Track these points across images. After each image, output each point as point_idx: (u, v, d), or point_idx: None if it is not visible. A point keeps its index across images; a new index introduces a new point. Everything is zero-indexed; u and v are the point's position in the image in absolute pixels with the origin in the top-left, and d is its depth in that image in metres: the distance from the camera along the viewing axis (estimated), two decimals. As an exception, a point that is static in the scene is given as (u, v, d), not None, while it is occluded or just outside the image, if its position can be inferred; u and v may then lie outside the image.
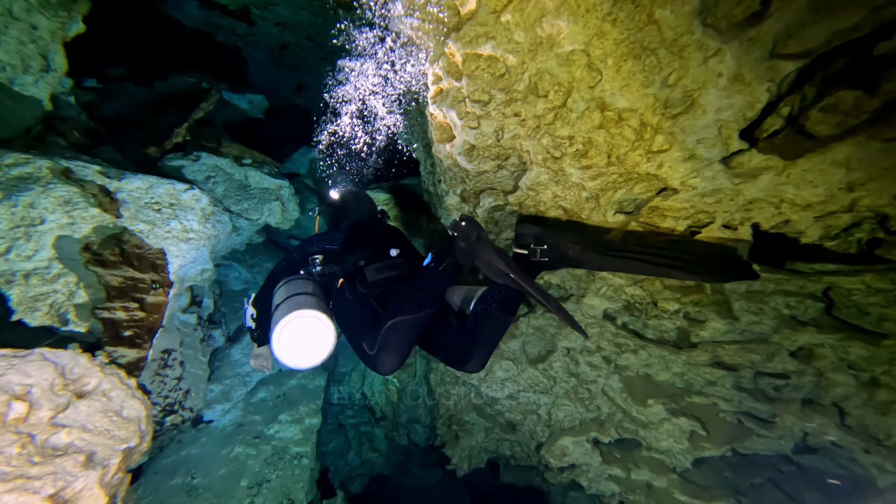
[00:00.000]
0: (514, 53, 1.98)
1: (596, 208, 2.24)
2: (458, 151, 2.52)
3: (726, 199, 1.85)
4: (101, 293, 3.57)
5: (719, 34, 1.46)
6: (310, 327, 1.59)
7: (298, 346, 1.56)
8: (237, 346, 5.61)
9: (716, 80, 1.53)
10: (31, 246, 3.36)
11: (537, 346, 3.47)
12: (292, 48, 8.10)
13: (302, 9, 6.50)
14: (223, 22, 6.97)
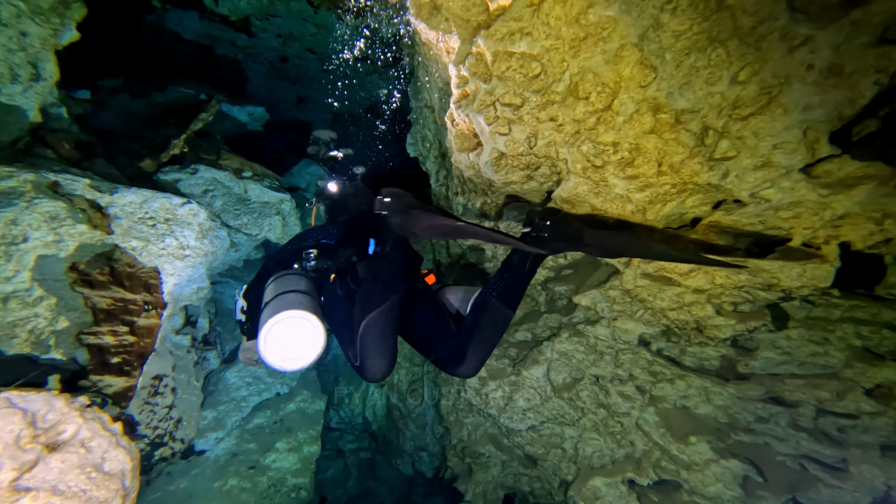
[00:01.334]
0: (552, 51, 1.77)
1: (642, 223, 2.01)
2: (486, 160, 2.30)
3: (808, 213, 1.62)
4: (88, 317, 3.28)
5: (810, 19, 1.26)
6: (298, 328, 1.50)
7: (286, 348, 1.49)
8: (233, 368, 5.29)
9: (803, 74, 1.32)
10: (11, 266, 3.09)
11: (562, 372, 3.19)
12: (293, 60, 7.98)
13: (304, 20, 6.38)
14: (223, 34, 6.85)
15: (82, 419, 1.74)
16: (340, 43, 6.89)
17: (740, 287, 1.99)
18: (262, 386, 5.42)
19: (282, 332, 1.47)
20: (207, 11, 5.61)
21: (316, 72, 8.25)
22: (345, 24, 6.13)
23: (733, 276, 1.90)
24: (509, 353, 3.54)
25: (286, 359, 1.50)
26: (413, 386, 5.10)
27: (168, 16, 6.27)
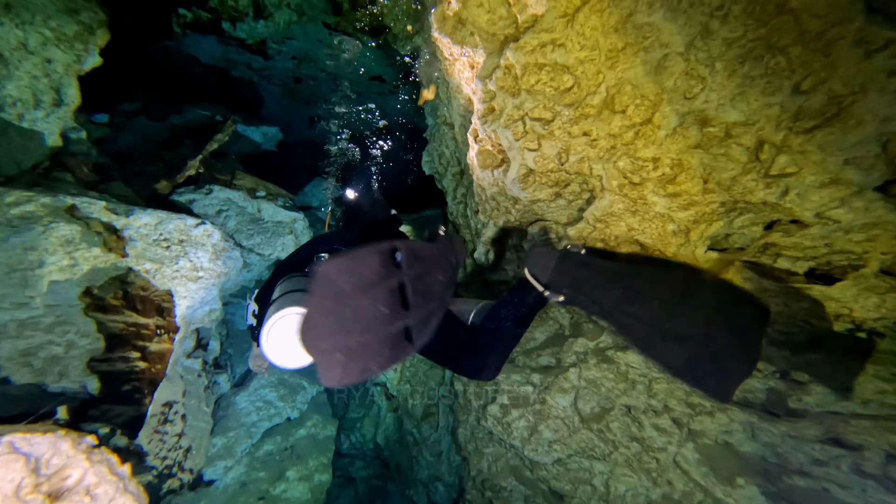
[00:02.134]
0: (587, 63, 1.67)
1: (685, 244, 1.86)
2: (512, 177, 2.19)
3: (887, 236, 1.46)
4: (100, 343, 3.21)
5: (892, 20, 1.14)
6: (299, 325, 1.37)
7: (287, 344, 1.45)
8: (243, 392, 5.16)
9: (883, 81, 1.19)
10: (26, 293, 3.04)
11: (591, 401, 2.99)
12: (307, 81, 8.11)
13: (319, 41, 6.48)
14: (240, 57, 6.99)
15: (89, 462, 1.62)
16: (355, 63, 6.99)
17: (796, 316, 1.82)
18: (272, 410, 5.28)
19: (283, 328, 1.42)
20: (225, 35, 5.72)
21: (329, 92, 8.38)
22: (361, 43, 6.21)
23: (793, 304, 1.73)
24: (532, 380, 3.35)
25: (287, 355, 1.45)
26: (428, 411, 4.90)
27: (187, 41, 6.42)
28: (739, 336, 1.23)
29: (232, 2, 4.63)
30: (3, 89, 3.41)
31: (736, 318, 1.23)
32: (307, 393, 5.74)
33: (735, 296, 1.35)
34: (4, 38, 3.18)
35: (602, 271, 1.48)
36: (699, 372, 1.18)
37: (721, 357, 1.20)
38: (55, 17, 3.18)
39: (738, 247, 1.85)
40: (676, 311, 1.27)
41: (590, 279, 1.49)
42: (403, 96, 7.90)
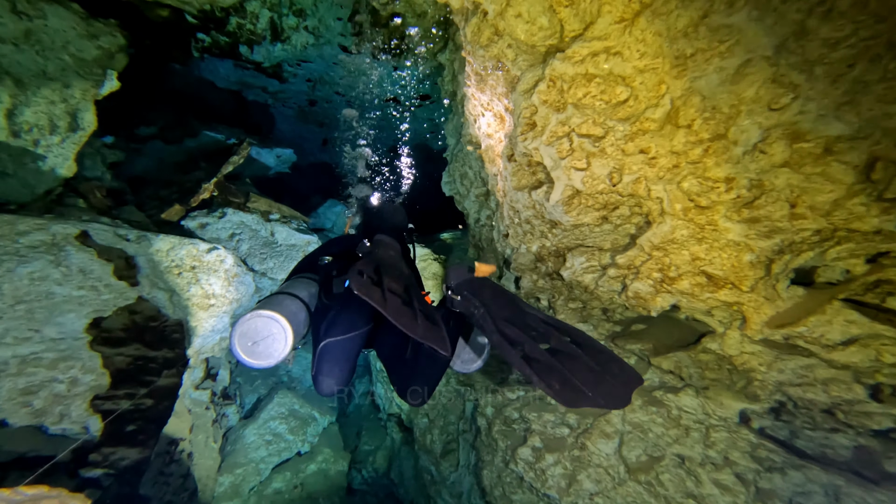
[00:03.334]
0: (647, 73, 1.48)
1: (765, 278, 1.61)
2: (556, 199, 1.99)
3: None
4: (105, 378, 3.01)
5: None
6: (264, 326, 1.56)
7: (251, 344, 1.54)
8: (252, 425, 4.90)
9: None
10: (31, 325, 2.88)
11: (637, 448, 2.67)
12: (321, 104, 8.15)
13: (334, 64, 6.49)
14: (255, 81, 7.04)
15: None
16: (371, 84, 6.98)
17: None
18: (282, 444, 4.99)
19: (248, 328, 1.51)
20: (242, 59, 5.74)
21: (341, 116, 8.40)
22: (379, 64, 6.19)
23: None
24: (568, 421, 3.05)
25: (252, 353, 1.52)
26: (448, 447, 4.57)
27: (204, 65, 6.49)
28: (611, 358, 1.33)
29: (250, 25, 4.62)
30: (21, 115, 3.36)
31: (610, 369, 1.32)
32: (318, 425, 5.45)
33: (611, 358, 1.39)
34: (25, 64, 3.14)
35: (503, 293, 1.61)
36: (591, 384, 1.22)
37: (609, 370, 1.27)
38: (75, 43, 3.13)
39: (826, 281, 1.60)
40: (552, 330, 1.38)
41: (486, 289, 1.61)
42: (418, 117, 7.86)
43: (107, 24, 3.12)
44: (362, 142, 8.60)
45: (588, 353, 1.29)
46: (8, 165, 3.47)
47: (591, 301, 2.51)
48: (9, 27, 2.91)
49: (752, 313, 1.72)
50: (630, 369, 1.30)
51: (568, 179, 1.96)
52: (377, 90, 7.20)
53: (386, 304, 1.25)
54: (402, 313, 1.27)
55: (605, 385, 1.22)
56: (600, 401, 1.19)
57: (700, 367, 2.13)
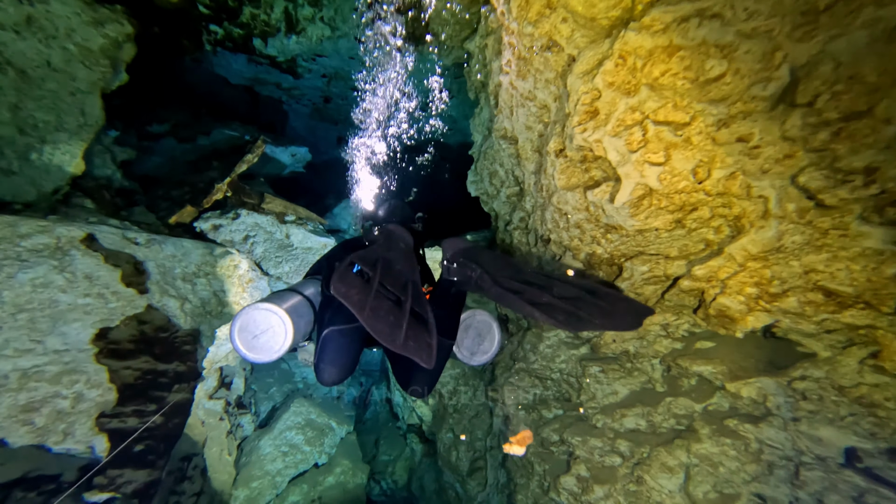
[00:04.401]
0: (756, 38, 1.16)
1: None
2: (623, 199, 1.69)
3: None
4: (112, 394, 2.79)
5: None
6: (263, 319, 1.55)
7: (251, 337, 1.53)
8: (268, 435, 4.68)
9: None
10: (34, 336, 2.67)
11: (705, 484, 2.35)
12: (336, 101, 7.91)
13: (351, 58, 6.23)
14: (269, 77, 6.82)
15: None
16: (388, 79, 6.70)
17: None
18: (298, 456, 4.76)
19: (247, 320, 1.51)
20: (256, 53, 5.51)
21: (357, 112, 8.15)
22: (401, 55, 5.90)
23: None
24: (619, 448, 2.73)
25: (252, 347, 1.51)
26: (475, 465, 4.28)
27: (217, 60, 6.28)
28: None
29: (264, 15, 4.37)
30: (26, 110, 3.15)
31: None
32: (335, 435, 5.21)
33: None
34: (28, 54, 2.92)
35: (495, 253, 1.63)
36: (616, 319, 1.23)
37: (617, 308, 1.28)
38: (80, 31, 2.90)
39: None
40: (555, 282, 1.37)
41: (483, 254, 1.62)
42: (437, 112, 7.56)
43: (113, 11, 2.89)
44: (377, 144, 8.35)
45: (595, 296, 1.28)
46: (13, 162, 3.27)
47: (651, 318, 2.19)
48: (9, 12, 2.68)
49: (893, 341, 1.40)
50: (640, 305, 1.28)
51: (640, 176, 1.65)
52: (393, 86, 6.93)
53: (364, 310, 1.18)
54: (381, 320, 1.19)
55: (612, 316, 1.23)
56: (608, 325, 1.21)
57: (793, 397, 1.80)
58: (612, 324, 1.25)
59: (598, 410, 3.05)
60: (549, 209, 2.45)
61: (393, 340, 1.13)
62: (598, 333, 2.85)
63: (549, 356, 3.54)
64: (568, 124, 1.84)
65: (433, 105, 7.33)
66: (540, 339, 3.59)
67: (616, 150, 1.63)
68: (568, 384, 3.50)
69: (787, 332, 1.75)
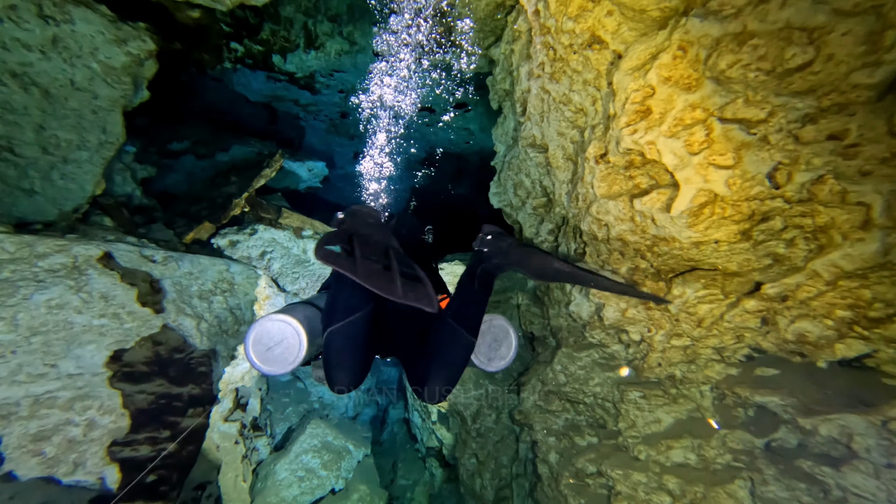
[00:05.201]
0: (858, 16, 0.98)
1: None
2: (683, 208, 1.50)
3: None
4: (125, 420, 2.67)
5: None
6: (278, 331, 1.49)
7: (266, 350, 1.49)
8: (284, 459, 4.50)
9: None
10: (48, 360, 2.58)
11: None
12: (353, 116, 7.93)
13: (369, 73, 6.23)
14: (287, 94, 6.87)
15: None
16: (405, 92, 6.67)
17: None
18: (315, 481, 4.57)
19: (261, 332, 1.50)
20: (275, 70, 5.54)
21: (374, 127, 8.15)
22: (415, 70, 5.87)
23: None
24: (668, 486, 2.47)
25: (266, 360, 1.50)
26: (501, 494, 4.01)
27: (237, 79, 6.35)
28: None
29: (283, 31, 4.37)
30: (49, 129, 3.15)
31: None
32: (353, 458, 5.01)
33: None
34: (52, 74, 2.92)
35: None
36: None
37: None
38: (103, 49, 2.89)
39: None
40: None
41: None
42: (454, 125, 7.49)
43: (135, 28, 2.87)
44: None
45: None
46: (36, 182, 3.26)
47: (706, 338, 1.97)
48: (36, 34, 2.69)
49: None
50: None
51: (703, 181, 1.46)
52: (411, 99, 6.90)
53: (356, 268, 1.16)
54: (376, 276, 1.18)
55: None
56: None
57: (889, 440, 1.55)
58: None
59: (640, 440, 2.79)
60: (587, 220, 2.26)
61: (391, 292, 1.09)
62: (641, 356, 2.61)
63: (581, 378, 3.30)
64: (613, 126, 1.67)
65: (450, 118, 7.27)
66: (572, 359, 3.35)
67: (673, 153, 1.45)
68: (603, 409, 3.25)
69: (880, 363, 1.51)
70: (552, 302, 3.57)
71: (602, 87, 1.80)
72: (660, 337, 2.24)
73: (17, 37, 2.64)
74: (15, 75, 2.79)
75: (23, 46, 2.69)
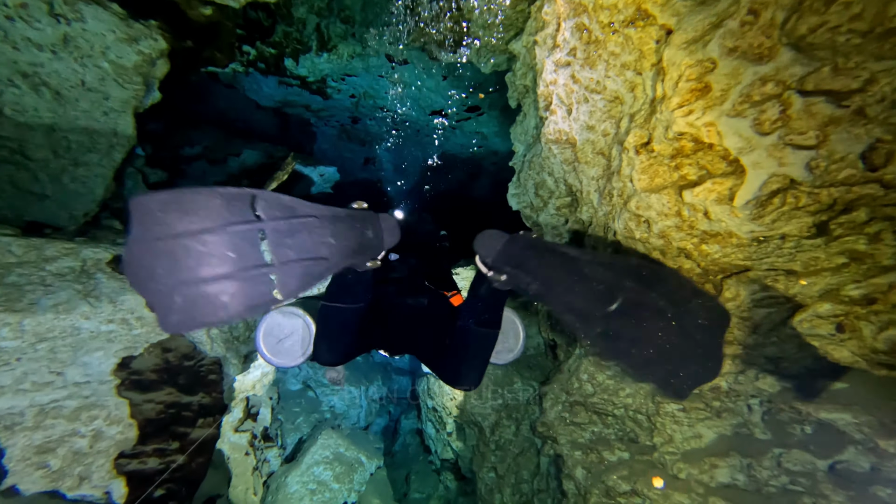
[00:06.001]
0: None
1: None
2: (749, 197, 1.37)
3: None
4: (132, 431, 2.55)
5: None
6: (289, 323, 1.49)
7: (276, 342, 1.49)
8: (295, 471, 4.34)
9: None
10: (54, 367, 2.48)
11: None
12: (364, 121, 7.87)
13: (381, 77, 6.16)
14: (299, 99, 6.85)
15: None
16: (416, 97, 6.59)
17: None
18: (327, 495, 4.40)
19: (272, 324, 1.49)
20: (287, 74, 5.49)
21: (385, 131, 8.09)
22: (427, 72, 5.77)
23: None
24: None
25: (277, 352, 1.48)
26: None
27: (248, 85, 6.34)
28: (698, 335, 1.08)
29: (296, 33, 4.31)
30: (60, 132, 3.09)
31: (693, 318, 1.08)
32: (365, 471, 4.83)
33: (694, 294, 1.13)
34: (63, 74, 2.86)
35: (549, 251, 1.32)
36: (651, 367, 1.01)
37: (676, 354, 1.05)
38: (114, 48, 2.83)
39: None
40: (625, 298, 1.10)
41: (535, 258, 1.31)
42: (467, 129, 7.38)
43: (147, 26, 2.81)
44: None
45: (670, 318, 1.04)
46: (47, 187, 3.20)
47: (762, 346, 1.78)
48: (47, 33, 2.63)
49: None
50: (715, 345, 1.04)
51: (777, 165, 1.30)
52: (423, 102, 6.81)
53: None
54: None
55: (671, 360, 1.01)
56: (659, 384, 1.01)
57: None
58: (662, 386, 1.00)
59: (679, 457, 2.58)
60: (622, 217, 2.09)
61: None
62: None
63: (611, 389, 3.10)
64: (661, 109, 1.51)
65: (462, 121, 7.16)
66: (599, 368, 3.16)
67: (738, 135, 1.29)
68: (634, 422, 3.04)
69: None
70: (577, 307, 3.39)
71: (644, 69, 1.65)
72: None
73: (29, 36, 2.58)
74: (26, 76, 2.73)
75: (34, 46, 2.63)
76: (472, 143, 7.80)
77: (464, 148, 8.12)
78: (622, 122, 1.95)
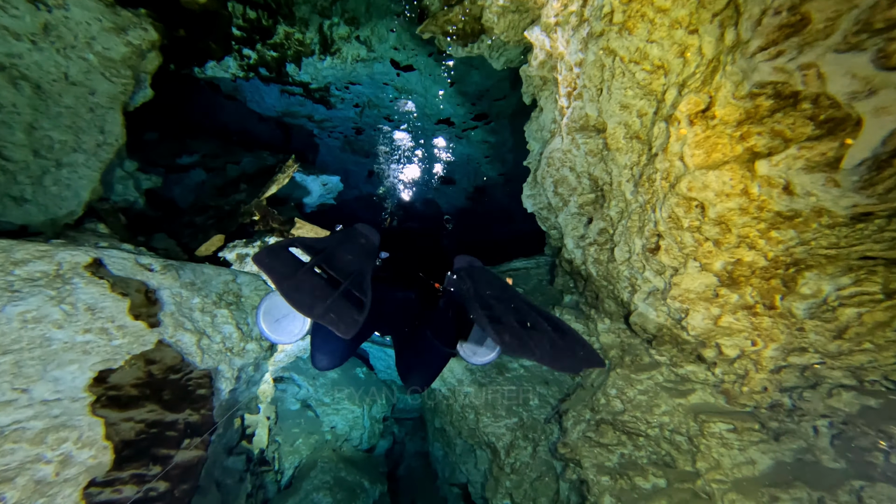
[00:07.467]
0: None
1: None
2: (865, 155, 1.09)
3: None
4: (107, 455, 2.24)
5: None
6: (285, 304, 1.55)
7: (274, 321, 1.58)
8: (293, 499, 3.96)
9: None
10: (18, 383, 2.20)
11: None
12: (368, 131, 7.71)
13: (385, 84, 6.01)
14: (301, 109, 6.71)
15: None
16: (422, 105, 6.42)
17: None
18: (328, 525, 4.01)
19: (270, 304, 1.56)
20: (289, 81, 5.34)
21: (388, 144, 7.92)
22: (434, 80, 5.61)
23: None
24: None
25: (275, 330, 1.57)
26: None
27: (250, 95, 6.21)
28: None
29: (298, 34, 4.16)
30: (41, 129, 2.88)
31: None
32: (368, 497, 4.45)
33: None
34: (44, 66, 2.67)
35: (494, 276, 1.69)
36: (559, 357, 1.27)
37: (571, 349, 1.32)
38: (100, 39, 2.65)
39: None
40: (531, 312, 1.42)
41: (483, 273, 1.68)
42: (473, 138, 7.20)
43: (136, 15, 2.63)
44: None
45: (560, 334, 1.32)
46: (27, 189, 2.98)
47: (847, 355, 1.48)
48: (25, 20, 2.45)
49: None
50: (595, 354, 1.30)
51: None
52: (429, 110, 6.65)
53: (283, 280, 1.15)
54: (302, 291, 1.16)
55: (559, 355, 1.24)
56: (545, 360, 1.20)
57: None
58: (550, 361, 1.22)
59: (730, 486, 2.24)
60: (668, 203, 1.82)
61: (310, 310, 1.11)
62: (738, 377, 2.10)
63: (643, 405, 2.77)
64: (733, 60, 1.26)
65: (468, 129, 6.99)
66: (630, 382, 2.84)
67: (852, 74, 1.02)
68: (671, 444, 2.70)
69: None
70: (602, 314, 3.09)
71: (703, 21, 1.41)
72: (771, 352, 1.75)
73: (4, 24, 2.39)
74: (3, 68, 2.54)
75: (10, 35, 2.44)
76: (478, 153, 7.62)
77: (470, 158, 7.94)
78: (668, 93, 1.70)
